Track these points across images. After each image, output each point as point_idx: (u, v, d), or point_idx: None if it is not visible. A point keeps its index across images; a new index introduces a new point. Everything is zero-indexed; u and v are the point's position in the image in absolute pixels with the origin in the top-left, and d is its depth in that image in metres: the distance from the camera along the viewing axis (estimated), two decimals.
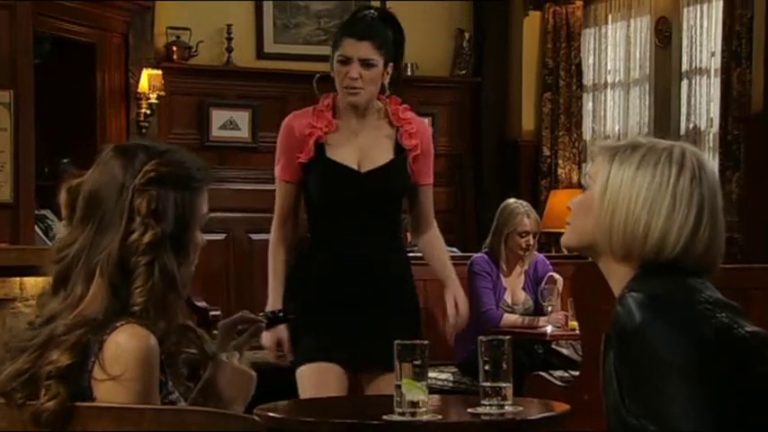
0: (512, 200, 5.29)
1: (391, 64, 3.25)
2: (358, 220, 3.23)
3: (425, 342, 2.39)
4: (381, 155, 3.25)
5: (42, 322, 1.82)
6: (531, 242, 5.16)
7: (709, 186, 1.84)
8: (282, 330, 3.19)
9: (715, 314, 1.75)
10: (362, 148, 3.23)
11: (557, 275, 5.12)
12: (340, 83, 3.20)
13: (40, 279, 4.45)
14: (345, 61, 3.18)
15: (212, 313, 5.52)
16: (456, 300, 3.39)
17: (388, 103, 3.28)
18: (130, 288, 1.80)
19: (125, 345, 1.75)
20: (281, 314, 3.17)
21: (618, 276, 1.86)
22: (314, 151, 3.20)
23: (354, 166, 3.22)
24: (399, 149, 3.25)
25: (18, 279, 4.58)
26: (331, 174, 3.21)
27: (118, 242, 1.81)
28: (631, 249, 1.83)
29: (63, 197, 1.91)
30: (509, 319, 5.08)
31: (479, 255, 5.21)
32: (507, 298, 5.17)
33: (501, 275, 5.16)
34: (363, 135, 3.24)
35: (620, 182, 1.84)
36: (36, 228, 6.01)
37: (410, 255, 5.96)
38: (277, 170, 3.28)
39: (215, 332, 2.07)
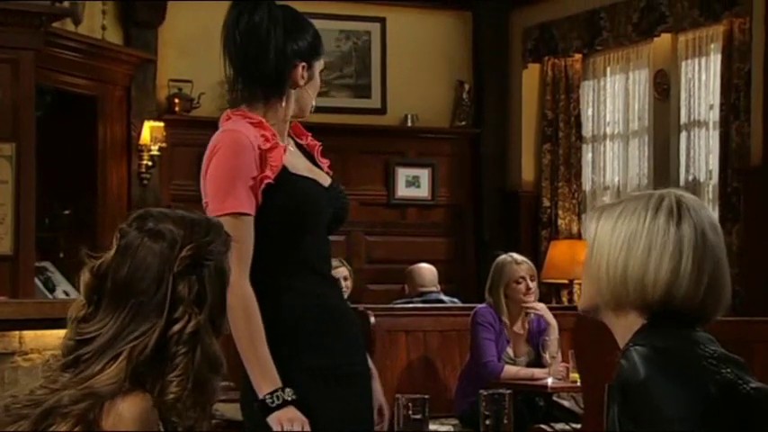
0: (502, 255, 5.31)
1: None
2: (325, 256, 2.70)
3: (426, 396, 2.37)
4: (322, 174, 2.76)
5: (47, 393, 1.76)
6: (530, 286, 5.16)
7: (692, 226, 1.80)
8: (298, 412, 2.52)
9: (720, 370, 1.74)
10: (306, 166, 2.72)
11: (551, 320, 5.10)
12: (312, 94, 2.74)
13: (39, 333, 4.42)
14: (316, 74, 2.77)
15: None
16: (381, 406, 2.79)
17: None
18: (164, 377, 1.73)
19: (123, 411, 1.72)
20: (290, 395, 2.51)
21: (621, 329, 1.85)
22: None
23: (320, 182, 2.71)
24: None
25: (17, 333, 4.55)
26: (307, 191, 2.63)
27: (158, 331, 1.74)
28: (619, 297, 1.82)
29: (88, 279, 1.80)
30: (510, 370, 5.06)
31: (483, 306, 5.20)
32: (510, 350, 5.16)
33: (504, 328, 5.15)
34: (295, 153, 2.73)
35: (603, 235, 1.85)
36: (36, 279, 6.00)
37: (409, 305, 6.01)
38: (232, 203, 2.54)
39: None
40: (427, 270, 6.33)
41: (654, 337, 1.78)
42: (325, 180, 2.72)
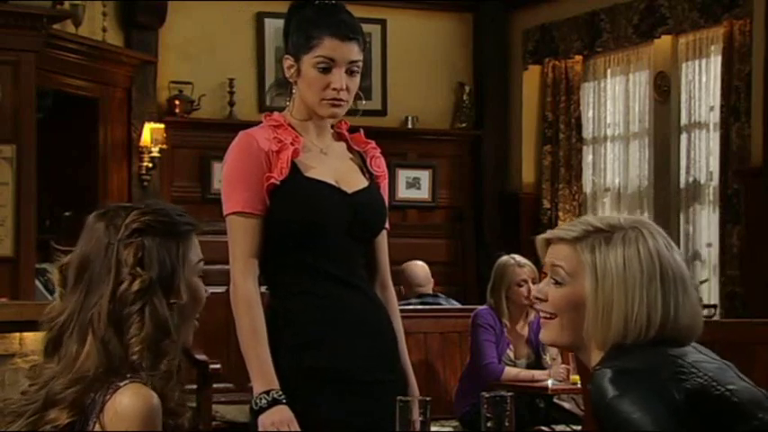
0: (504, 257, 5.31)
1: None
2: (347, 261, 2.65)
3: (427, 398, 2.36)
4: (357, 178, 2.72)
5: (38, 389, 1.81)
6: (532, 289, 5.16)
7: (658, 263, 1.87)
8: (288, 411, 2.52)
9: (689, 377, 1.77)
10: (337, 169, 2.69)
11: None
12: (318, 94, 2.64)
13: (39, 335, 4.42)
14: (328, 68, 2.62)
15: (212, 366, 5.49)
16: None
17: (336, 124, 2.77)
18: (124, 340, 1.80)
19: (128, 404, 1.75)
20: (281, 395, 2.53)
21: (593, 361, 1.90)
22: (289, 170, 2.59)
23: (339, 187, 2.66)
24: (368, 176, 2.76)
25: (18, 334, 4.56)
26: (317, 194, 2.61)
27: (108, 297, 1.81)
28: (602, 336, 1.88)
29: (56, 277, 1.92)
30: (510, 372, 5.05)
31: (484, 307, 5.20)
32: (510, 352, 5.15)
33: (504, 330, 5.15)
34: (331, 155, 2.71)
35: (606, 275, 1.89)
36: (36, 281, 6.01)
37: (409, 307, 6.00)
38: (232, 203, 2.59)
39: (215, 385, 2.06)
40: (420, 268, 6.26)
41: (618, 358, 1.82)
42: (354, 186, 2.68)
